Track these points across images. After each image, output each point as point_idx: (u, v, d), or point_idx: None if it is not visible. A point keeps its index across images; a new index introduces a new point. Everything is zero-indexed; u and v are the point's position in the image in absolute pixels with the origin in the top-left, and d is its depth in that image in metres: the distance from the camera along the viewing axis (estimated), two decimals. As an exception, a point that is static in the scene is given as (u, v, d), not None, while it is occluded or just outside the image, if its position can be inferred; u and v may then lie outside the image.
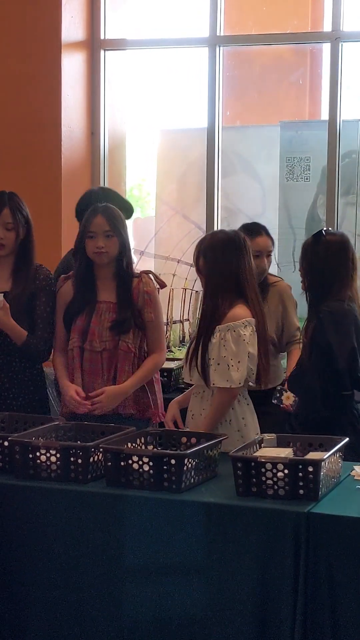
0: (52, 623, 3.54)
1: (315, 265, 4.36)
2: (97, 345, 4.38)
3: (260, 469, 3.39)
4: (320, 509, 3.31)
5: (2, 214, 4.47)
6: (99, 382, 4.37)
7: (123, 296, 4.41)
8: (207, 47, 6.50)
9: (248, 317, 4.11)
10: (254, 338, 4.10)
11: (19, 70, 6.38)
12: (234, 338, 4.07)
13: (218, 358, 4.07)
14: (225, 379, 4.05)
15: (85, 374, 4.39)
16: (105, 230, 4.39)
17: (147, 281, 4.44)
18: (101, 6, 6.63)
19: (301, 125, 7.30)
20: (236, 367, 4.05)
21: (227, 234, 4.26)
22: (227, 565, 3.32)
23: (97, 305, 4.42)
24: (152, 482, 3.46)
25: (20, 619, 3.57)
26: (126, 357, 4.38)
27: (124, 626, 3.45)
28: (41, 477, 3.59)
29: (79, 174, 6.55)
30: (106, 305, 4.42)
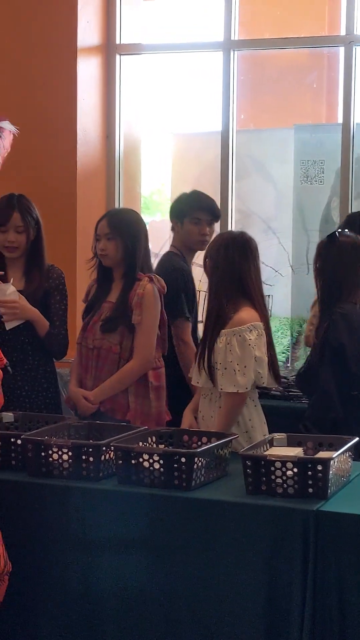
0: (64, 620, 3.57)
1: (328, 266, 4.39)
2: (90, 343, 4.50)
3: (269, 467, 3.42)
4: (329, 507, 3.33)
5: (12, 217, 4.53)
6: (88, 378, 4.52)
7: (121, 297, 4.48)
8: (222, 51, 6.52)
9: (254, 321, 4.10)
10: (260, 341, 4.08)
11: (34, 75, 6.42)
12: (239, 342, 4.06)
13: (225, 363, 4.08)
14: (233, 384, 4.05)
15: (81, 369, 4.55)
16: (106, 233, 4.49)
17: (144, 284, 4.48)
18: (116, 11, 6.66)
19: (315, 128, 7.31)
20: (242, 372, 4.04)
21: (232, 235, 4.30)
22: (236, 562, 3.34)
23: (103, 304, 4.54)
24: (162, 480, 3.49)
25: (31, 615, 3.60)
26: (108, 356, 4.47)
27: (133, 621, 3.47)
28: (53, 475, 3.63)
29: (94, 177, 6.59)
30: (108, 305, 4.52)
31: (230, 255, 4.16)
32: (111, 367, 4.47)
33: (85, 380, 4.53)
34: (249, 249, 4.19)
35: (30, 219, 4.57)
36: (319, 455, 3.54)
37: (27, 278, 4.60)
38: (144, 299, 4.45)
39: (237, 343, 4.06)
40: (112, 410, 4.46)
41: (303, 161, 6.95)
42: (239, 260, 4.16)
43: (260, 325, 4.11)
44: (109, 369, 4.47)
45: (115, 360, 4.46)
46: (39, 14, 6.39)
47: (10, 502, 3.59)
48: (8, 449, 3.76)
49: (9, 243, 4.54)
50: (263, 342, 4.10)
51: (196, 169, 7.56)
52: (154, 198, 9.82)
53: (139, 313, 4.45)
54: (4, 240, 4.55)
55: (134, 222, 4.60)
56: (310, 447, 3.73)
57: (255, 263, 4.20)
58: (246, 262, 4.17)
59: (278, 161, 7.28)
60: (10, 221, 4.53)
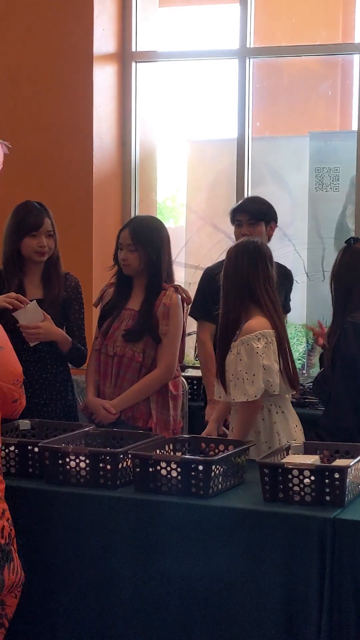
0: (81, 627, 3.58)
1: (341, 271, 4.39)
2: (110, 350, 4.50)
3: (287, 475, 3.42)
4: (346, 515, 3.33)
5: (45, 222, 4.55)
6: (108, 386, 4.51)
7: (146, 306, 4.48)
8: (237, 59, 6.54)
9: (262, 329, 4.08)
10: (269, 349, 4.06)
11: (51, 82, 6.44)
12: (247, 351, 4.05)
13: (236, 373, 4.08)
14: (243, 393, 4.04)
15: (100, 376, 4.54)
16: (128, 243, 4.50)
17: (170, 294, 4.50)
18: (132, 19, 6.67)
19: (330, 135, 7.32)
20: (251, 380, 4.03)
21: (243, 243, 4.25)
22: (253, 570, 3.35)
23: (123, 312, 4.53)
24: (180, 487, 3.50)
25: (48, 624, 3.61)
26: (130, 364, 4.46)
27: (150, 629, 3.48)
28: (70, 483, 3.64)
29: (110, 184, 6.61)
30: (129, 312, 4.52)
31: (240, 263, 4.16)
32: (133, 375, 4.47)
33: (104, 388, 4.53)
34: (259, 257, 4.16)
35: (54, 226, 4.61)
36: (336, 463, 3.54)
37: (44, 285, 4.61)
38: (171, 309, 4.48)
39: (245, 352, 4.05)
40: (134, 419, 4.46)
41: (318, 169, 6.96)
42: (247, 268, 4.14)
43: (270, 333, 4.09)
44: (131, 377, 4.47)
45: (137, 368, 4.47)
46: (55, 22, 6.41)
47: (27, 510, 3.60)
48: (25, 457, 3.77)
49: (40, 248, 4.54)
50: (272, 350, 4.07)
51: (211, 176, 7.57)
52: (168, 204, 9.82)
53: (166, 324, 4.47)
54: (36, 245, 4.54)
55: (156, 231, 4.57)
56: (327, 455, 3.73)
57: (266, 270, 4.17)
58: (255, 270, 4.14)
59: (293, 169, 7.29)
60: (44, 225, 4.56)
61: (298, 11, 7.69)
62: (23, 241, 4.55)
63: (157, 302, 4.49)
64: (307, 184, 7.01)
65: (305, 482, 3.40)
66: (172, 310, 4.48)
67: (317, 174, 6.96)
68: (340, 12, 7.86)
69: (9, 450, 3.78)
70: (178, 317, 4.51)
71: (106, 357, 4.54)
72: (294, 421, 4.23)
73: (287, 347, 4.17)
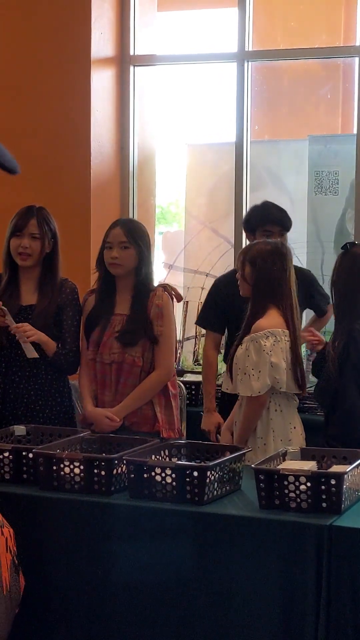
0: (77, 635, 3.55)
1: (340, 278, 4.36)
2: (107, 357, 4.43)
3: (283, 481, 3.39)
4: (343, 522, 3.29)
5: (29, 223, 4.52)
6: (107, 394, 4.44)
7: (136, 309, 4.43)
8: (236, 62, 6.52)
9: (273, 328, 4.17)
10: (277, 347, 4.16)
11: (49, 86, 6.43)
12: (255, 348, 4.17)
13: (243, 368, 4.19)
14: (248, 388, 4.16)
15: (98, 386, 4.47)
16: (122, 241, 4.43)
17: (160, 294, 4.45)
18: (130, 22, 6.66)
19: (330, 139, 7.30)
20: (257, 377, 4.14)
21: (273, 244, 4.35)
22: (248, 578, 3.32)
23: (112, 317, 4.47)
24: (174, 494, 3.47)
25: (44, 630, 3.58)
26: (131, 370, 4.41)
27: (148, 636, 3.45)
28: (65, 489, 3.61)
29: (108, 188, 6.59)
30: (120, 317, 4.46)
31: (269, 263, 4.24)
32: (134, 380, 4.42)
33: (103, 397, 4.46)
34: (285, 259, 4.27)
35: (47, 229, 4.56)
36: (333, 469, 3.51)
37: (40, 291, 4.58)
38: (164, 309, 4.43)
39: (253, 349, 4.17)
40: (138, 424, 4.42)
41: (317, 172, 6.94)
42: (276, 268, 4.25)
43: (280, 332, 4.18)
44: (132, 383, 4.42)
45: (137, 373, 4.42)
46: (53, 25, 6.40)
47: (21, 516, 3.57)
48: (20, 463, 3.74)
49: (22, 249, 4.52)
50: (281, 348, 4.17)
51: (211, 179, 7.56)
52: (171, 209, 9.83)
53: (161, 324, 4.43)
54: (18, 245, 4.53)
55: (144, 231, 4.56)
56: (324, 460, 3.70)
57: (291, 272, 4.28)
58: (282, 271, 4.25)
59: (292, 172, 7.27)
60: (27, 227, 4.53)
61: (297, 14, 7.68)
62: (10, 243, 4.55)
63: (149, 303, 4.44)
64: (307, 187, 6.99)
65: (301, 489, 3.37)
66: (164, 310, 4.43)
67: (316, 178, 6.94)
68: (342, 14, 7.85)
69: (3, 456, 3.75)
70: (171, 316, 4.48)
71: (103, 365, 4.45)
72: (293, 423, 4.27)
73: (298, 349, 4.24)
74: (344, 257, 4.42)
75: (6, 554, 3.15)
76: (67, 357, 4.52)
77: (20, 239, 4.52)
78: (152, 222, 7.00)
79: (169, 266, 7.44)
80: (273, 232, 5.01)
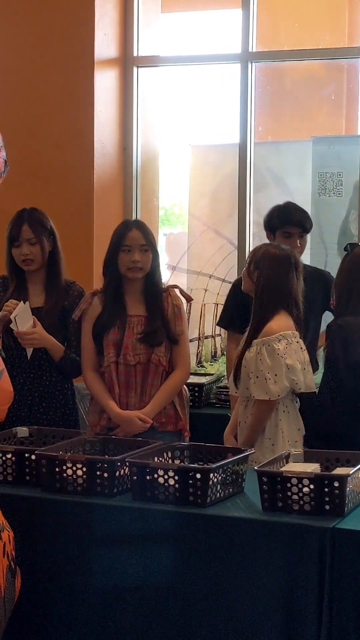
0: (79, 637, 3.54)
1: (339, 278, 4.36)
2: (131, 359, 4.40)
3: (286, 483, 3.38)
4: (346, 524, 3.28)
5: (22, 230, 4.52)
6: (132, 396, 4.41)
7: (153, 310, 4.42)
8: (239, 63, 6.51)
9: (284, 330, 4.20)
10: (290, 349, 4.19)
11: (52, 87, 6.42)
12: (268, 352, 4.19)
13: (256, 371, 4.19)
14: (265, 392, 4.18)
15: (120, 388, 4.41)
16: (142, 244, 4.41)
17: (175, 295, 4.48)
18: (134, 23, 6.65)
19: (333, 140, 7.29)
20: (274, 380, 4.17)
21: (282, 250, 4.37)
22: (251, 580, 3.31)
23: (128, 319, 4.43)
24: (177, 496, 3.46)
25: (46, 632, 3.58)
26: (157, 370, 4.41)
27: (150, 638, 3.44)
28: (67, 491, 3.60)
29: (112, 189, 6.58)
30: (137, 318, 4.43)
31: (278, 267, 4.27)
32: (158, 381, 4.41)
33: (128, 399, 4.41)
34: (290, 265, 4.29)
35: (42, 230, 4.55)
36: (336, 472, 3.50)
37: (47, 292, 4.59)
38: (182, 310, 4.47)
39: (266, 352, 4.20)
40: (164, 424, 4.42)
41: (321, 173, 6.93)
42: (280, 272, 4.27)
43: (291, 334, 4.22)
44: (157, 383, 4.41)
45: (161, 373, 4.42)
46: (56, 26, 6.39)
47: (23, 518, 3.56)
48: (22, 465, 3.73)
49: (23, 256, 4.53)
50: (294, 349, 4.21)
51: (214, 181, 7.55)
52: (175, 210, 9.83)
53: (180, 324, 4.44)
54: (19, 254, 4.54)
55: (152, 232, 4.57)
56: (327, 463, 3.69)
57: (299, 278, 4.31)
58: (285, 276, 4.27)
59: (296, 173, 7.26)
60: (22, 234, 4.53)
61: (301, 15, 7.67)
62: (12, 252, 4.57)
63: (165, 304, 4.45)
64: (310, 189, 6.98)
65: (304, 491, 3.36)
66: (182, 311, 4.49)
67: (320, 179, 6.93)
68: (346, 15, 7.84)
69: (6, 457, 3.74)
70: (185, 317, 4.54)
71: (127, 367, 4.40)
72: (297, 424, 4.30)
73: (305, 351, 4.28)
74: (345, 259, 4.42)
75: (2, 559, 3.14)
76: (73, 363, 4.52)
77: (19, 248, 4.53)
78: (155, 224, 6.99)
79: (172, 268, 7.44)
80: (293, 233, 5.02)
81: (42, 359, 4.53)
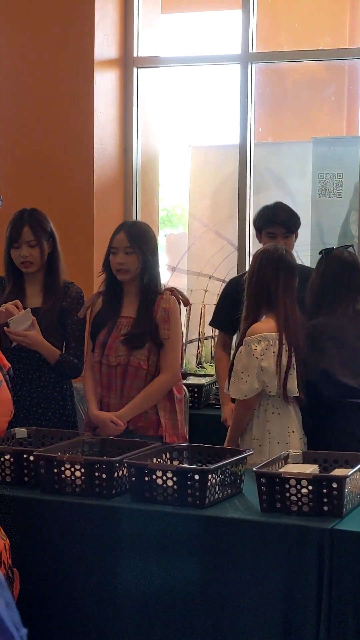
0: (78, 638, 3.54)
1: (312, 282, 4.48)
2: (113, 360, 4.41)
3: (284, 484, 3.38)
4: (345, 525, 3.29)
5: (23, 232, 4.51)
6: (113, 397, 4.42)
7: (142, 312, 4.41)
8: (240, 64, 6.50)
9: (265, 332, 4.19)
10: (269, 352, 4.17)
11: (52, 87, 6.41)
12: (246, 352, 4.21)
13: (235, 371, 4.24)
14: (236, 391, 4.22)
15: (103, 388, 4.44)
16: (125, 246, 4.41)
17: (168, 298, 4.43)
18: (134, 24, 6.64)
19: (333, 141, 7.28)
20: (245, 380, 4.18)
21: (270, 251, 4.35)
22: (250, 581, 3.31)
23: (119, 320, 4.44)
24: (175, 497, 3.45)
25: (45, 634, 3.57)
26: (136, 373, 4.38)
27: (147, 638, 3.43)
28: (66, 492, 3.60)
29: (112, 190, 6.57)
30: (126, 320, 4.43)
31: (263, 270, 4.26)
32: (139, 384, 4.39)
33: (108, 400, 4.43)
34: (282, 265, 4.27)
35: (43, 232, 4.55)
36: (335, 473, 3.50)
37: (45, 294, 4.58)
38: (171, 313, 4.41)
39: (244, 352, 4.21)
40: (143, 428, 4.39)
41: (321, 174, 6.92)
42: (270, 275, 4.25)
43: (273, 336, 4.19)
44: (138, 386, 4.39)
45: (143, 376, 4.39)
46: (56, 27, 6.38)
47: (22, 519, 3.56)
48: (21, 466, 3.73)
49: (22, 258, 4.52)
50: (272, 352, 4.17)
51: (214, 182, 7.54)
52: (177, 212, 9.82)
53: (168, 328, 4.40)
54: (18, 256, 4.53)
55: (151, 234, 4.53)
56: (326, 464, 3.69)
57: (286, 278, 4.26)
58: (276, 278, 4.24)
59: (296, 175, 7.25)
60: (22, 236, 4.52)
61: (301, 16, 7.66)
62: (10, 253, 4.56)
63: (155, 306, 4.43)
64: (310, 190, 6.97)
65: (302, 492, 3.36)
66: (171, 314, 4.41)
67: (320, 180, 6.92)
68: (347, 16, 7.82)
69: (5, 458, 3.74)
70: (178, 320, 4.45)
71: (109, 368, 4.42)
72: (292, 426, 4.23)
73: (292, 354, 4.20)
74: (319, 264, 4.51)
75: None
76: (70, 364, 4.51)
77: (19, 250, 4.52)
78: (155, 225, 6.98)
79: (172, 268, 7.43)
80: (277, 233, 4.97)
81: (41, 360, 4.52)
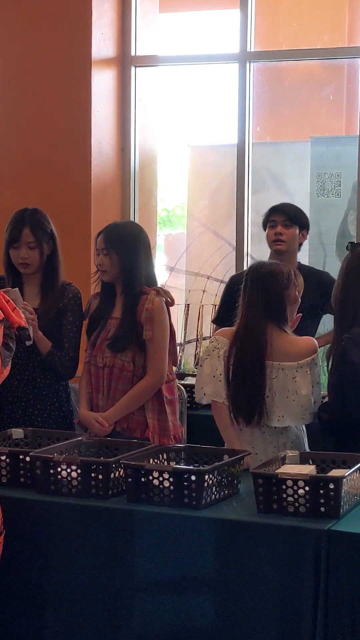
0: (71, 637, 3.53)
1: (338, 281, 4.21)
2: (100, 361, 4.42)
3: (281, 485, 3.36)
4: (341, 526, 3.27)
5: (23, 233, 4.48)
6: (100, 398, 4.43)
7: (126, 313, 4.40)
8: (238, 63, 6.49)
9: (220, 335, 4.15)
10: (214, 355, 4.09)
11: (49, 86, 6.41)
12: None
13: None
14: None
15: (92, 389, 4.46)
16: (102, 247, 4.43)
17: (152, 298, 4.40)
18: (132, 23, 6.63)
19: (332, 140, 7.28)
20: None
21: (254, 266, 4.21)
22: (247, 582, 3.29)
23: (109, 321, 4.45)
24: (172, 498, 3.44)
25: (38, 634, 3.56)
26: (121, 374, 4.38)
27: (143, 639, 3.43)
28: (62, 493, 3.58)
29: (109, 190, 6.56)
30: (115, 321, 4.43)
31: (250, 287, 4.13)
32: (125, 385, 4.39)
33: (97, 400, 4.45)
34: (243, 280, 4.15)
35: (43, 234, 4.51)
36: (332, 474, 3.48)
37: (42, 295, 4.55)
38: (154, 313, 4.38)
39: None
40: (130, 429, 4.39)
41: (320, 174, 6.92)
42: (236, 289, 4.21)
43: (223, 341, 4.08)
44: (123, 387, 4.39)
45: (129, 378, 4.39)
46: (54, 26, 6.37)
47: (18, 520, 3.55)
48: (17, 466, 3.71)
49: (21, 259, 4.49)
50: (218, 356, 4.08)
51: (212, 181, 7.54)
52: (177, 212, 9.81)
53: (150, 328, 4.37)
54: (17, 257, 4.50)
55: (130, 235, 4.48)
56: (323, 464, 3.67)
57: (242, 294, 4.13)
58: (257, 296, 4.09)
59: (294, 174, 7.25)
60: (22, 237, 4.49)
61: (299, 15, 7.65)
62: (9, 253, 4.53)
63: (139, 307, 4.41)
64: (309, 189, 6.97)
65: (299, 493, 3.34)
66: (155, 315, 4.38)
67: (318, 180, 6.92)
68: (346, 15, 7.81)
69: (0, 459, 3.73)
70: (163, 320, 4.41)
71: (96, 368, 4.44)
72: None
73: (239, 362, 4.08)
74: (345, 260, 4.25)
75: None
76: (62, 360, 4.48)
77: (18, 250, 4.49)
78: (153, 224, 6.98)
79: (170, 269, 7.42)
80: (277, 221, 5.07)
81: (36, 361, 4.50)
